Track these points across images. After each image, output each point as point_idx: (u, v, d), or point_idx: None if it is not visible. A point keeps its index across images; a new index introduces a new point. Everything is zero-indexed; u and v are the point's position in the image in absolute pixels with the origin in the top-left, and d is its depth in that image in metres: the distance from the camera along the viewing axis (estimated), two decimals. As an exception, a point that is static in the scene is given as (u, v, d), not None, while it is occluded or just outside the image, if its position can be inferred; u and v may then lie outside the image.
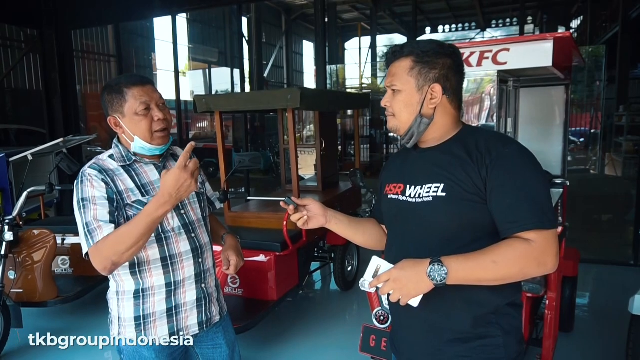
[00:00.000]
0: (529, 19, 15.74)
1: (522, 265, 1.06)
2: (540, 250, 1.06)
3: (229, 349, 1.64)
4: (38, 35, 6.87)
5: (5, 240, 3.02)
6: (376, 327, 2.36)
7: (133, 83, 1.42)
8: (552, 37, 2.19)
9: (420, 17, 16.87)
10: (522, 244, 1.06)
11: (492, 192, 1.10)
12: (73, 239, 3.69)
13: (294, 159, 3.58)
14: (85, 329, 3.13)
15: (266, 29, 19.15)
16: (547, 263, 1.07)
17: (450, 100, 1.21)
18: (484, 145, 1.14)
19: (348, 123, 11.93)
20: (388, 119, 1.26)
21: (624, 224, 6.01)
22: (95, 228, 1.33)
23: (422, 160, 1.25)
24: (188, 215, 1.51)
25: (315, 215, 1.35)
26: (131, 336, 1.46)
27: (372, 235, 1.45)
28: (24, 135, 8.45)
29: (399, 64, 1.21)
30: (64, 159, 4.12)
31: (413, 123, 1.21)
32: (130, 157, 1.46)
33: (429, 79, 1.19)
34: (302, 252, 3.61)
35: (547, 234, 1.07)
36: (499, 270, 1.05)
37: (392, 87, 1.22)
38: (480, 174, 1.11)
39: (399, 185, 1.27)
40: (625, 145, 9.19)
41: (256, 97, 3.66)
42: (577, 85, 9.62)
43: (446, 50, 1.20)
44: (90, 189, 1.37)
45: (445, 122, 1.22)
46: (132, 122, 1.41)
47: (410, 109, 1.20)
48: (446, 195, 1.14)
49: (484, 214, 1.12)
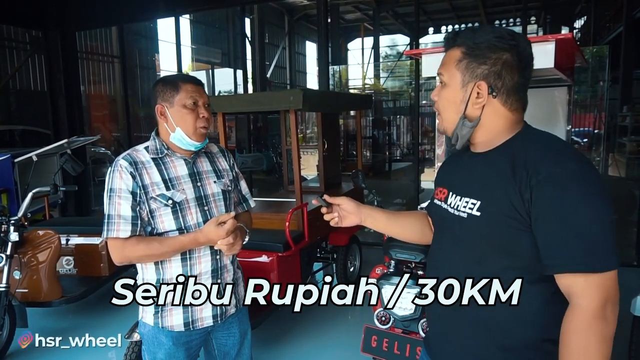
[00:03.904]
0: (532, 19, 15.70)
1: (598, 334, 0.90)
2: (598, 303, 0.91)
3: (241, 336, 1.71)
4: (43, 36, 6.91)
5: (10, 240, 3.04)
6: (378, 328, 2.37)
7: (188, 80, 1.54)
8: (553, 39, 2.19)
9: (423, 17, 16.85)
10: (579, 317, 0.92)
11: (537, 220, 0.94)
12: (77, 239, 3.71)
13: (297, 160, 3.59)
14: (89, 328, 3.15)
15: (269, 29, 19.17)
16: (611, 315, 0.91)
17: (503, 101, 1.05)
18: (532, 160, 0.96)
19: (350, 124, 11.94)
20: (437, 118, 1.16)
21: (627, 225, 5.99)
22: (114, 223, 1.45)
23: (469, 167, 1.11)
24: (211, 212, 1.56)
25: (349, 214, 1.30)
26: (149, 321, 1.55)
27: (415, 230, 1.35)
28: (28, 135, 8.50)
29: (450, 53, 1.08)
30: (69, 159, 4.14)
31: (457, 125, 1.07)
32: (163, 150, 1.54)
33: (476, 75, 1.03)
34: (305, 253, 3.62)
35: (601, 278, 0.91)
36: None
37: (440, 77, 1.10)
38: (523, 196, 0.95)
39: (444, 191, 1.17)
40: (629, 145, 9.16)
41: (259, 98, 3.68)
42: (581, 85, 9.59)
43: (505, 43, 1.02)
44: (119, 181, 1.46)
45: (495, 125, 1.06)
46: (178, 113, 1.50)
47: (454, 108, 1.07)
48: (480, 216, 1.02)
49: (521, 240, 0.97)
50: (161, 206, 1.48)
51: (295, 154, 3.56)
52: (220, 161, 1.68)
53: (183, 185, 1.52)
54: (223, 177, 1.64)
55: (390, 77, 17.45)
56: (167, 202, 1.48)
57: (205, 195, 1.56)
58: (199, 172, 1.58)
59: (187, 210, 1.51)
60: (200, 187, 1.56)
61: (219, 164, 1.67)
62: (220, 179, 1.63)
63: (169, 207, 1.48)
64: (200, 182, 1.57)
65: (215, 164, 1.65)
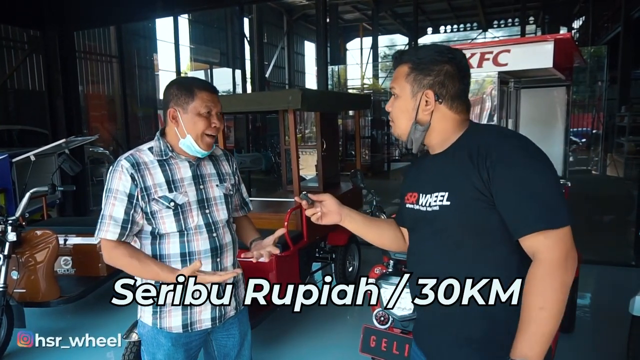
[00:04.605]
0: (531, 19, 15.73)
1: (559, 283, 1.02)
2: (558, 255, 1.03)
3: (241, 337, 1.71)
4: (41, 36, 6.89)
5: (8, 240, 3.03)
6: (376, 328, 2.37)
7: (204, 87, 1.52)
8: (552, 39, 2.20)
9: (422, 17, 16.87)
10: (541, 268, 1.04)
11: (497, 194, 1.08)
12: (75, 239, 3.71)
13: (295, 160, 3.59)
14: (88, 328, 3.14)
15: (268, 29, 19.16)
16: (569, 263, 1.04)
17: (449, 106, 1.20)
18: (484, 146, 1.12)
19: (349, 124, 11.94)
20: (391, 124, 1.27)
21: (625, 225, 6.00)
22: (105, 224, 1.46)
23: (431, 167, 1.25)
24: (212, 215, 1.57)
25: (330, 212, 1.36)
26: (148, 322, 1.55)
27: (388, 236, 1.45)
28: (26, 135, 8.48)
29: (399, 69, 1.23)
30: (67, 159, 4.13)
31: (410, 130, 1.22)
32: (167, 152, 1.53)
33: (423, 85, 1.19)
34: (303, 253, 3.62)
35: (558, 233, 1.03)
36: (552, 307, 1.02)
37: (392, 90, 1.24)
38: (482, 177, 1.09)
39: (414, 194, 1.28)
40: (627, 145, 9.18)
41: (257, 98, 3.67)
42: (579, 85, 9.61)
43: (444, 56, 1.19)
44: (117, 181, 1.46)
45: (444, 127, 1.21)
46: (191, 120, 1.50)
47: (407, 115, 1.21)
48: (450, 204, 1.14)
49: (491, 217, 1.10)
50: (163, 208, 1.48)
51: (294, 154, 3.56)
52: (224, 164, 1.69)
53: (186, 188, 1.52)
54: (225, 180, 1.65)
55: (389, 77, 17.45)
56: (169, 204, 1.48)
57: (207, 199, 1.57)
58: (202, 175, 1.59)
59: (189, 212, 1.51)
60: (202, 190, 1.56)
61: (222, 167, 1.67)
62: (222, 182, 1.63)
63: (170, 209, 1.48)
64: (203, 185, 1.57)
65: (218, 167, 1.66)
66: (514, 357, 1.03)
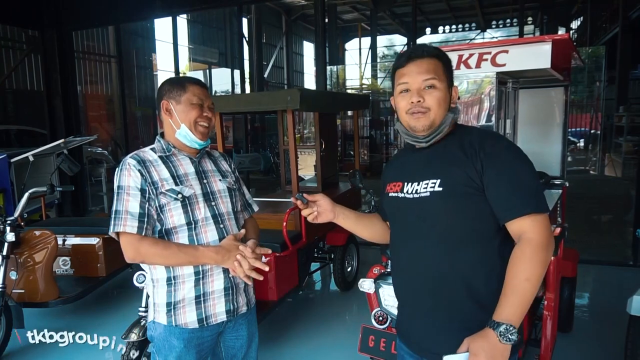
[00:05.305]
0: (529, 19, 15.76)
1: (542, 260, 1.15)
2: (542, 236, 1.16)
3: (248, 339, 1.73)
4: (39, 36, 6.87)
5: (7, 240, 3.03)
6: (375, 328, 2.37)
7: (194, 82, 1.61)
8: (550, 39, 2.20)
9: (420, 17, 16.89)
10: (528, 245, 1.16)
11: (489, 184, 1.20)
12: (74, 239, 3.71)
13: (294, 160, 3.59)
14: (86, 329, 3.13)
15: (266, 29, 19.17)
16: (551, 244, 1.18)
17: None
18: (477, 142, 1.24)
19: (348, 124, 11.95)
20: (415, 116, 1.26)
21: (623, 225, 6.02)
22: (122, 218, 1.46)
23: (420, 159, 1.33)
24: (218, 207, 1.60)
25: (324, 211, 1.45)
26: (163, 320, 1.55)
27: (377, 230, 1.54)
28: (25, 135, 8.48)
29: (433, 62, 1.27)
30: (65, 159, 4.13)
31: (445, 119, 1.29)
32: (169, 148, 1.59)
33: (452, 81, 1.32)
34: (302, 253, 3.62)
35: (542, 217, 1.18)
36: (536, 280, 1.14)
37: (430, 83, 1.25)
38: (476, 167, 1.21)
39: (398, 184, 1.35)
40: (625, 145, 9.20)
41: (256, 98, 3.67)
42: (577, 85, 9.63)
43: None
44: (127, 178, 1.49)
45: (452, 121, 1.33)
46: (184, 110, 1.56)
47: (444, 106, 1.28)
48: (443, 190, 1.23)
49: (480, 205, 1.21)
50: (171, 200, 1.50)
51: (292, 154, 3.56)
52: (223, 163, 1.75)
53: (191, 182, 1.56)
54: (227, 176, 1.70)
55: (387, 77, 17.47)
56: (177, 196, 1.51)
57: (211, 192, 1.60)
58: (205, 170, 1.63)
59: (196, 205, 1.54)
60: (206, 184, 1.60)
61: (221, 165, 1.73)
62: (224, 177, 1.68)
63: (178, 201, 1.51)
64: (206, 179, 1.62)
65: (218, 165, 1.71)
66: (499, 320, 1.13)
